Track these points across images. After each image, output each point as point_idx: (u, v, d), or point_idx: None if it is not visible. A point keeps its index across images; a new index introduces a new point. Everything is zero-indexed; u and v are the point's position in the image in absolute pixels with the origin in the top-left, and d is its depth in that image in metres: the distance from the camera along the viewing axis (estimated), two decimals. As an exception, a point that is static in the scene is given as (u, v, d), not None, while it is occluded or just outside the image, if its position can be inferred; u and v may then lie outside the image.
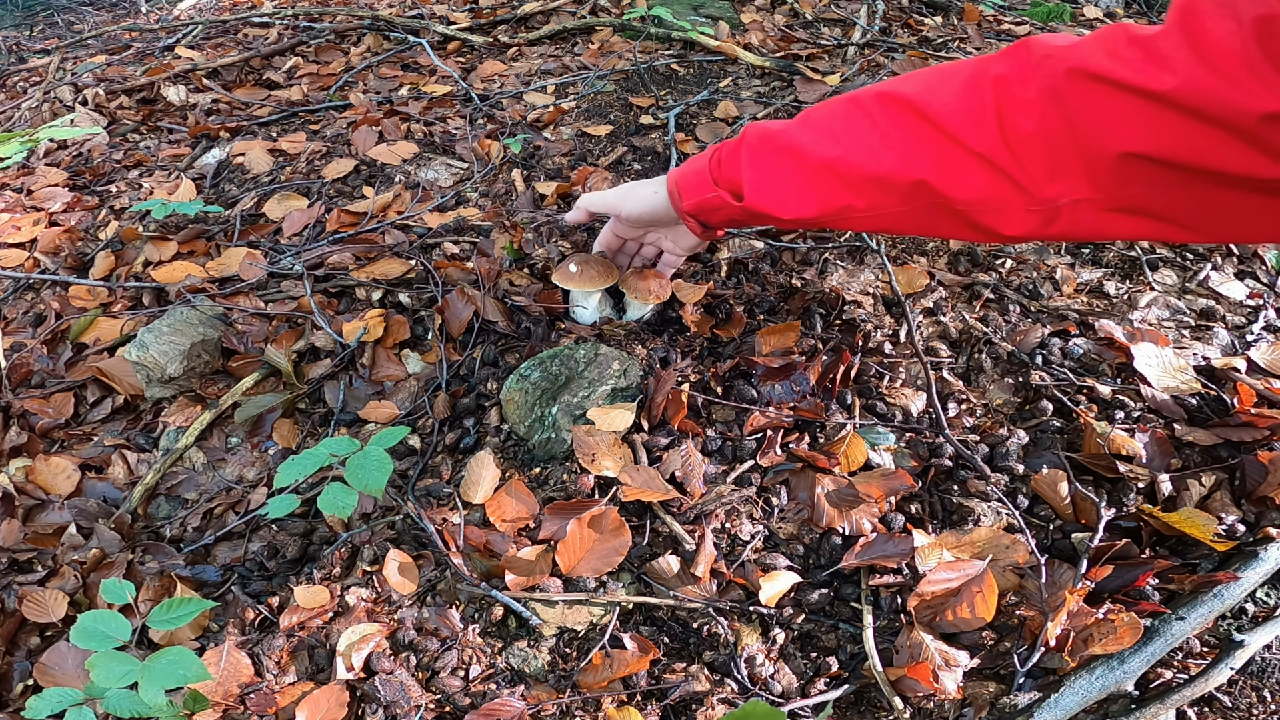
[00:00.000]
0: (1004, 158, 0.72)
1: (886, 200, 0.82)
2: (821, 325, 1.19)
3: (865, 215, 0.85)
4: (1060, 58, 0.67)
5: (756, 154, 0.92)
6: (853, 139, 0.82)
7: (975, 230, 0.79)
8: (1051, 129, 0.68)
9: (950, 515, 0.98)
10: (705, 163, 0.98)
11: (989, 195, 0.74)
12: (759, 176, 0.91)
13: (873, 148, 0.81)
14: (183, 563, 1.04)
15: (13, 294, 1.53)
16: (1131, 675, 0.81)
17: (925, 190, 0.78)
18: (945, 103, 0.75)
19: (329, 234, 1.50)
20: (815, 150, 0.85)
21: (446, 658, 0.89)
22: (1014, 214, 0.74)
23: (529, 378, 1.08)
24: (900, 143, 0.79)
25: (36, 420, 1.24)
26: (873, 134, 0.81)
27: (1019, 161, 0.71)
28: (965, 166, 0.74)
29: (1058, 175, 0.69)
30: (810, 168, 0.86)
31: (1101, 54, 0.65)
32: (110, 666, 0.80)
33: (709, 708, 0.83)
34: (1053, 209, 0.71)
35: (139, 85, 2.22)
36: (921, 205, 0.80)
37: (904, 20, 2.31)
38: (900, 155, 0.79)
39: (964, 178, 0.75)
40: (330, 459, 0.95)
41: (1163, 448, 1.00)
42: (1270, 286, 1.28)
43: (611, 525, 0.94)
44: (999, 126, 0.71)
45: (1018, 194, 0.73)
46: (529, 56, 2.24)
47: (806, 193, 0.87)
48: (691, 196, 1.00)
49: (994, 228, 0.77)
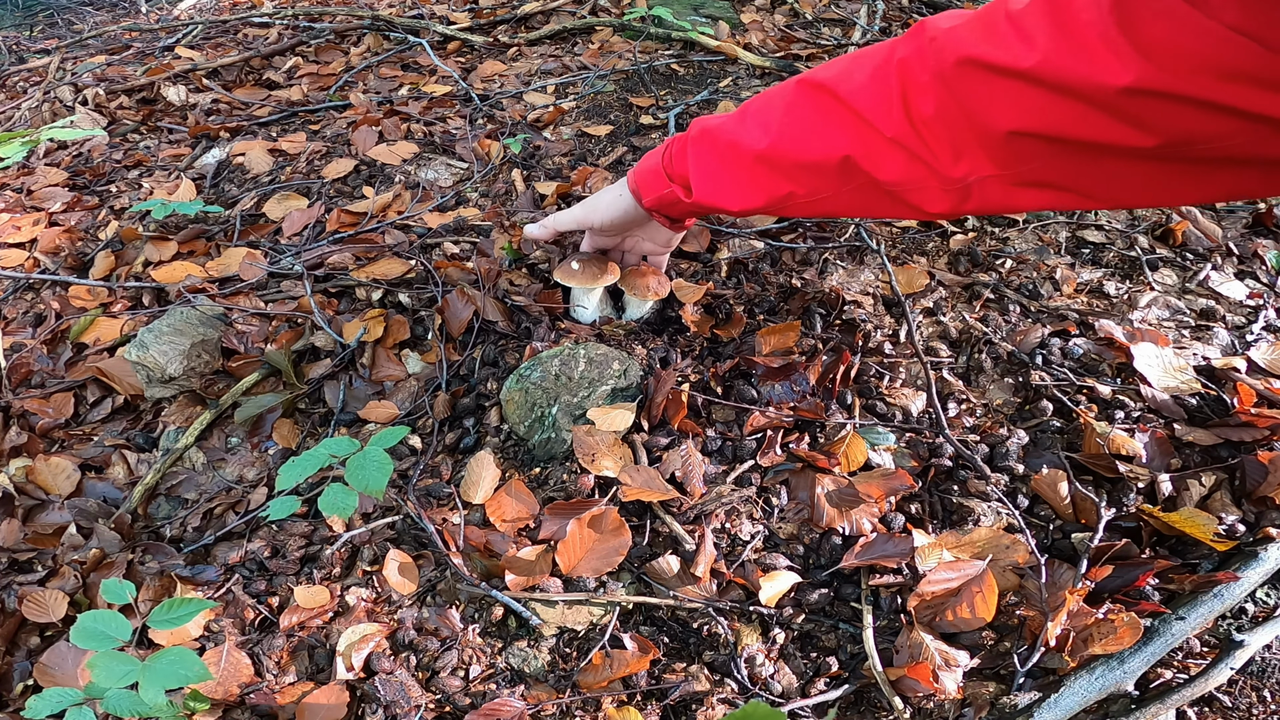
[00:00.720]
0: (913, 141, 0.73)
1: (823, 184, 0.83)
2: (821, 325, 1.19)
3: (808, 201, 0.87)
4: (944, 41, 0.69)
5: (700, 149, 0.94)
6: (781, 127, 0.84)
7: (908, 208, 0.81)
8: (947, 112, 0.70)
9: (950, 515, 0.98)
10: (659, 159, 1.00)
11: (908, 176, 0.76)
12: (704, 172, 0.93)
13: (799, 134, 0.83)
14: (183, 563, 1.04)
15: (13, 294, 1.53)
16: (1131, 675, 0.81)
17: (853, 169, 0.79)
18: (859, 87, 0.77)
19: (329, 234, 1.50)
20: (749, 142, 0.87)
21: (446, 658, 0.89)
22: (933, 193, 0.76)
23: (529, 378, 1.08)
24: (823, 127, 0.80)
25: (36, 420, 1.24)
26: (798, 120, 0.83)
27: (926, 145, 0.73)
28: (882, 150, 0.76)
29: (961, 156, 0.71)
30: (747, 160, 0.88)
31: (979, 35, 0.66)
32: (110, 666, 0.80)
33: (709, 708, 0.83)
34: (964, 187, 0.73)
35: (139, 85, 2.22)
36: (855, 186, 0.81)
37: (904, 20, 2.31)
38: (824, 139, 0.80)
39: (883, 160, 0.77)
40: (330, 460, 0.95)
41: (1163, 448, 1.00)
42: (1270, 286, 1.28)
43: (611, 525, 0.94)
44: (905, 111, 0.72)
45: (931, 175, 0.74)
46: (529, 56, 2.24)
47: (748, 185, 0.89)
48: (650, 193, 1.02)
49: (920, 205, 0.79)
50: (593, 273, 1.13)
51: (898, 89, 0.73)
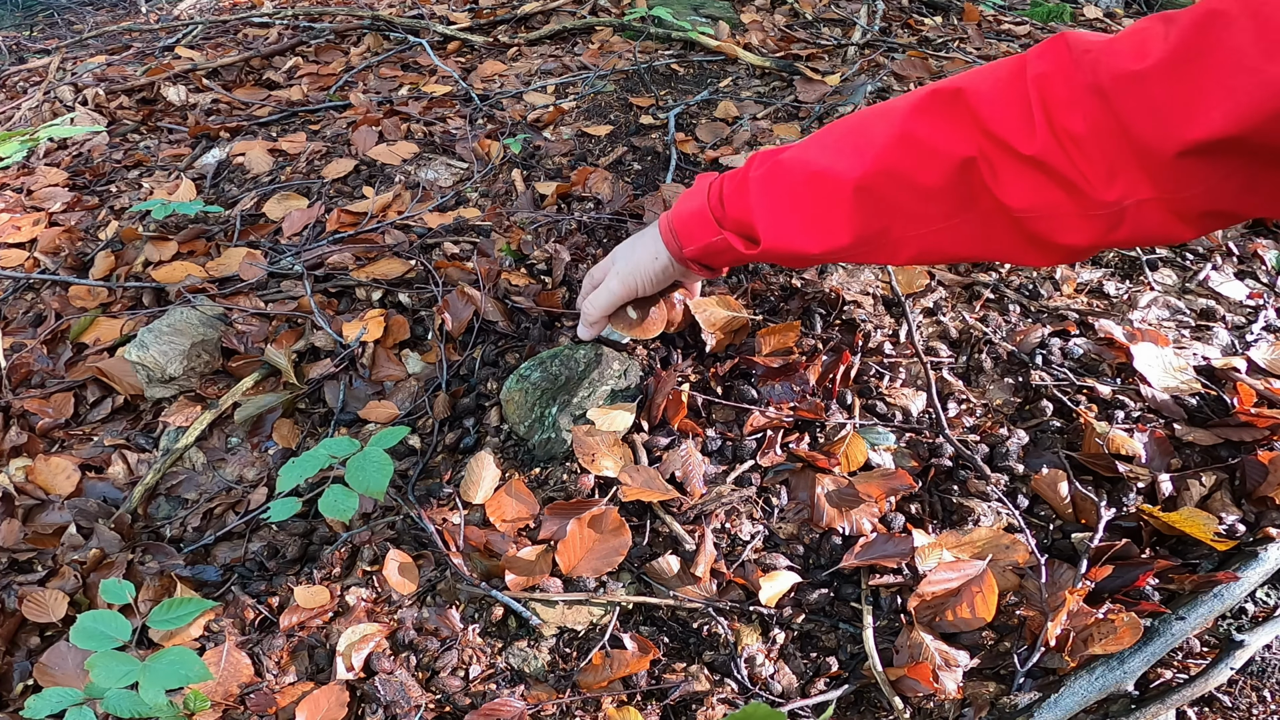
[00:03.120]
0: (1058, 159, 0.64)
1: (934, 211, 0.72)
2: (821, 325, 1.19)
3: (907, 235, 0.75)
4: (1100, 55, 0.61)
5: (769, 187, 0.81)
6: (885, 148, 0.73)
7: (1033, 243, 0.70)
8: (1102, 129, 0.62)
9: (950, 515, 0.98)
10: (703, 200, 0.87)
11: (1041, 201, 0.67)
12: (777, 212, 0.80)
13: (911, 155, 0.71)
14: (183, 563, 1.04)
15: (13, 294, 1.53)
16: (1131, 675, 0.81)
17: (978, 190, 0.69)
18: (987, 98, 0.67)
19: (329, 234, 1.50)
20: (843, 170, 0.75)
21: (446, 658, 0.89)
22: (1070, 221, 0.66)
23: (529, 378, 1.08)
24: (940, 143, 0.70)
25: (36, 420, 1.24)
26: (910, 139, 0.71)
27: (1074, 164, 0.64)
28: (1014, 170, 0.67)
29: (1117, 176, 0.62)
30: (844, 192, 0.75)
31: (1137, 49, 0.59)
32: (110, 666, 0.80)
33: (709, 708, 0.83)
34: (1116, 212, 0.64)
35: (139, 85, 2.22)
36: (977, 214, 0.70)
37: (904, 20, 2.31)
38: (941, 158, 0.70)
39: (1014, 182, 0.67)
40: (330, 460, 0.95)
41: (1163, 448, 1.00)
42: (1270, 286, 1.28)
43: (611, 525, 0.94)
44: (1049, 127, 0.64)
45: (1071, 200, 0.65)
46: (529, 56, 2.24)
47: (837, 221, 0.77)
48: (694, 241, 0.89)
49: (1050, 237, 0.68)
50: (653, 320, 1.04)
51: (1038, 104, 0.64)
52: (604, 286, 1.01)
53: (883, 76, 1.87)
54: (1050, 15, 2.45)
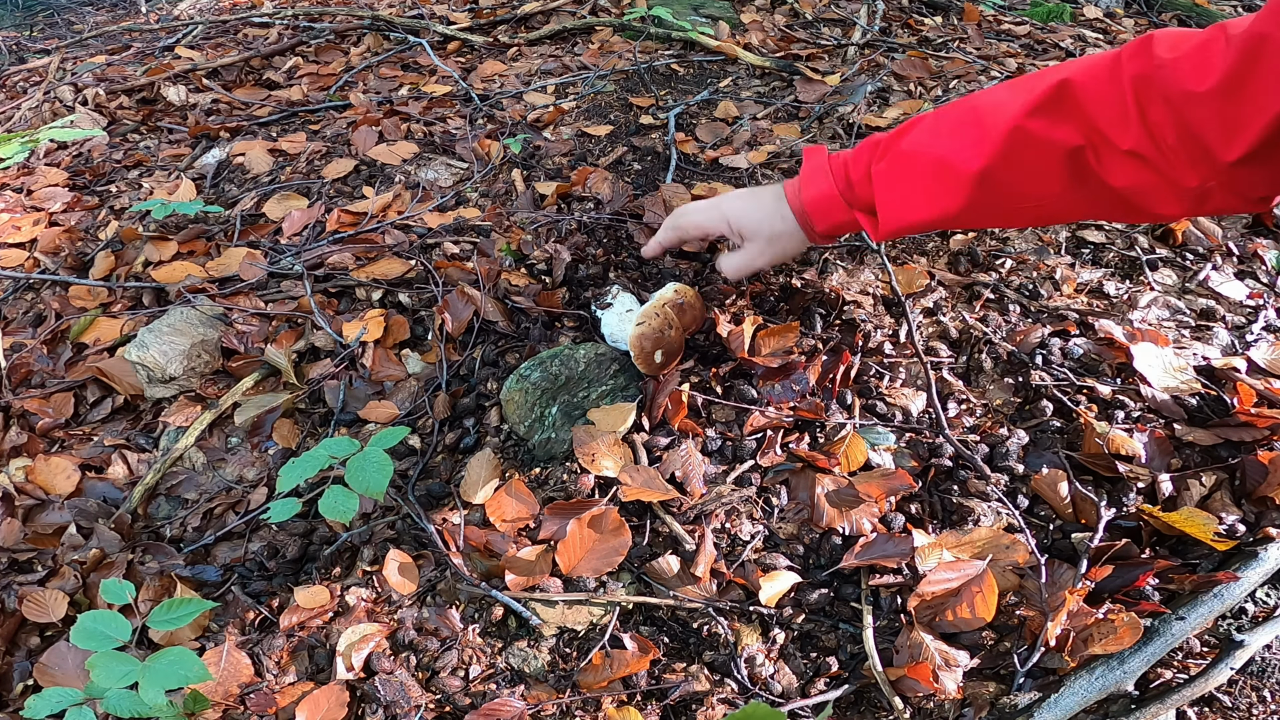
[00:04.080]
0: (1151, 152, 0.75)
1: (1049, 190, 0.84)
2: (821, 325, 1.19)
3: (1022, 207, 0.87)
4: (1172, 71, 0.72)
5: (892, 172, 0.91)
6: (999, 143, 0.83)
7: (1140, 212, 0.83)
8: (1181, 132, 0.73)
9: (950, 515, 0.98)
10: (831, 185, 0.98)
11: (1141, 183, 0.78)
12: (900, 196, 0.91)
13: (1024, 153, 0.82)
14: (183, 563, 1.04)
15: (13, 294, 1.53)
16: (1131, 675, 0.81)
17: (1087, 173, 0.80)
18: (1095, 95, 0.78)
19: (329, 234, 1.50)
20: (962, 162, 0.85)
21: (446, 658, 0.89)
22: (1166, 197, 0.79)
23: (529, 378, 1.08)
24: (1054, 136, 0.80)
25: (36, 420, 1.24)
26: (1024, 136, 0.82)
27: (1164, 156, 0.75)
28: (1116, 159, 0.78)
29: (1195, 168, 0.74)
30: (965, 180, 0.86)
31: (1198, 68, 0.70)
32: (110, 666, 0.80)
33: (709, 708, 0.83)
34: (1201, 193, 0.76)
35: (139, 85, 2.22)
36: (1088, 191, 0.82)
37: (904, 20, 2.31)
38: (1054, 151, 0.81)
39: (1117, 168, 0.79)
40: (330, 460, 0.95)
41: (1163, 448, 1.00)
42: (1270, 286, 1.28)
43: (611, 525, 0.94)
44: (1142, 124, 0.75)
45: (1165, 183, 0.77)
46: (529, 56, 2.24)
47: (952, 197, 0.88)
48: (826, 220, 1.01)
49: (1153, 209, 0.81)
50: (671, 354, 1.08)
51: (1133, 103, 0.75)
52: (747, 253, 1.09)
53: (883, 76, 1.87)
54: (1050, 15, 2.45)
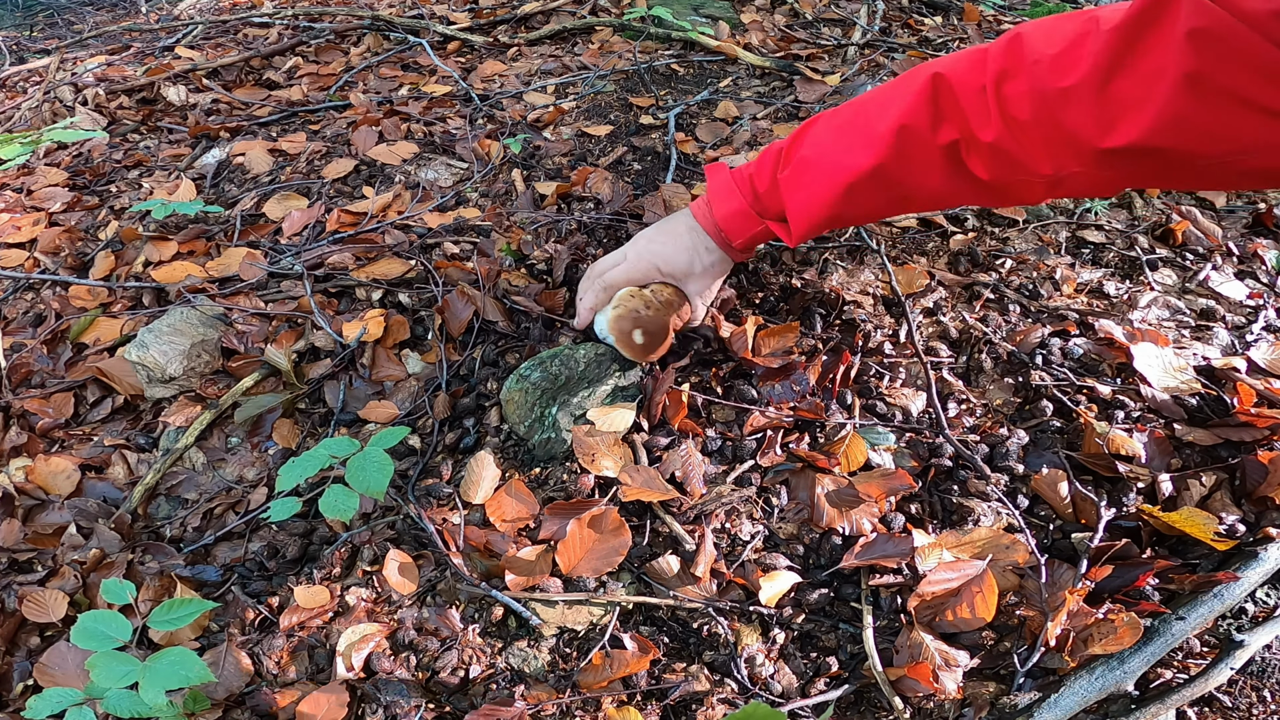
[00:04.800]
0: (1009, 144, 0.80)
1: (928, 183, 0.89)
2: (821, 325, 1.19)
3: (915, 196, 0.92)
4: (1046, 68, 0.75)
5: (796, 180, 0.96)
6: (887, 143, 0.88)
7: (998, 197, 0.90)
8: (1043, 124, 0.76)
9: (950, 515, 0.98)
10: (741, 201, 1.03)
11: (1001, 175, 0.84)
12: (805, 201, 0.96)
13: (908, 149, 0.87)
14: (183, 563, 1.04)
15: (13, 294, 1.53)
16: (1131, 675, 0.81)
17: (959, 168, 0.86)
18: (960, 81, 0.82)
19: (329, 234, 1.50)
20: (854, 162, 0.90)
21: (446, 658, 0.89)
22: (1024, 188, 0.85)
23: (529, 378, 1.08)
24: (932, 122, 0.85)
25: (36, 420, 1.24)
26: (907, 134, 0.87)
27: (1022, 147, 0.79)
28: (978, 150, 0.84)
29: (1053, 160, 0.79)
30: (864, 179, 0.90)
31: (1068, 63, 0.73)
32: (110, 666, 0.80)
33: (709, 708, 0.83)
34: (1055, 180, 0.81)
35: (139, 85, 2.22)
36: (959, 184, 0.88)
37: (904, 20, 2.31)
38: (931, 146, 0.86)
39: (978, 159, 0.84)
40: (330, 460, 0.95)
41: (1163, 448, 1.00)
42: (1270, 286, 1.28)
43: (611, 525, 0.94)
44: (1001, 118, 0.79)
45: (1022, 171, 0.82)
46: (529, 56, 2.24)
47: (857, 202, 0.93)
48: (741, 234, 1.05)
49: (1010, 196, 0.88)
50: (655, 341, 1.08)
51: (994, 98, 0.79)
52: (699, 299, 1.13)
53: (883, 76, 1.87)
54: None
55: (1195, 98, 0.65)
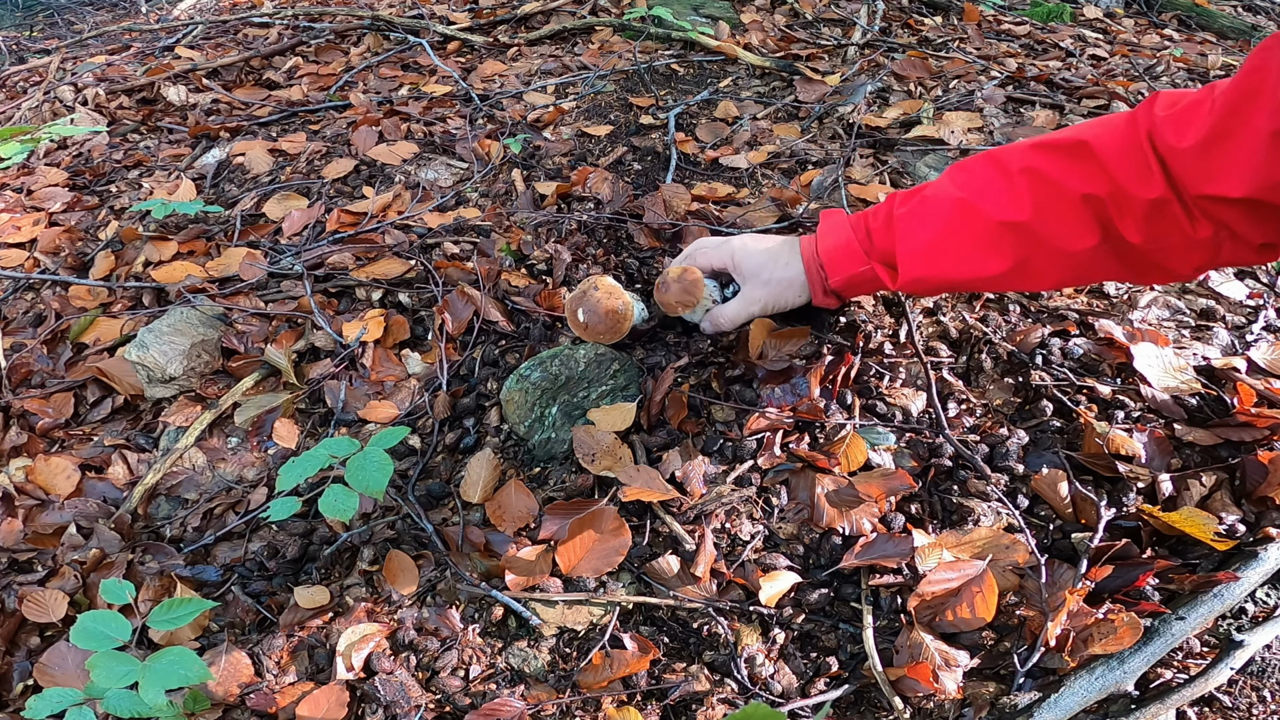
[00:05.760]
0: (1174, 203, 0.79)
1: (1067, 243, 0.86)
2: (825, 327, 1.19)
3: (1048, 264, 0.88)
4: (1172, 126, 0.78)
5: (912, 221, 0.93)
6: (1031, 192, 0.86)
7: (1156, 270, 0.87)
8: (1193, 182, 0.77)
9: (950, 515, 0.98)
10: (850, 235, 0.98)
11: (1156, 235, 0.82)
12: (921, 243, 0.92)
13: (1053, 202, 0.85)
14: (183, 563, 1.04)
15: (13, 294, 1.53)
16: (1131, 675, 0.81)
17: (1110, 232, 0.84)
18: (1115, 154, 0.82)
19: (329, 234, 1.50)
20: (991, 208, 0.87)
21: (446, 658, 0.89)
22: (1180, 251, 0.83)
23: (529, 378, 1.08)
24: (1078, 190, 0.83)
25: (36, 420, 1.24)
26: (1049, 186, 0.85)
27: (1186, 206, 0.79)
28: (1138, 212, 0.82)
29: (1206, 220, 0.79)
30: (992, 226, 0.88)
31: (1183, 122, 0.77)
32: (110, 666, 0.80)
33: (709, 708, 0.83)
34: (1215, 245, 0.80)
35: (139, 85, 2.22)
36: (1109, 250, 0.85)
37: (904, 20, 2.31)
38: (1081, 206, 0.84)
39: (1135, 223, 0.82)
40: (330, 460, 0.95)
41: (1163, 448, 1.00)
42: (1270, 286, 1.28)
43: (611, 525, 0.94)
44: (1164, 176, 0.79)
45: (1179, 233, 0.81)
46: (529, 56, 2.24)
47: (984, 252, 0.89)
48: (840, 272, 1.00)
49: (1167, 265, 0.85)
50: (597, 332, 1.08)
51: (1153, 156, 0.79)
52: (744, 302, 1.07)
53: (883, 76, 1.87)
54: (1050, 15, 2.45)
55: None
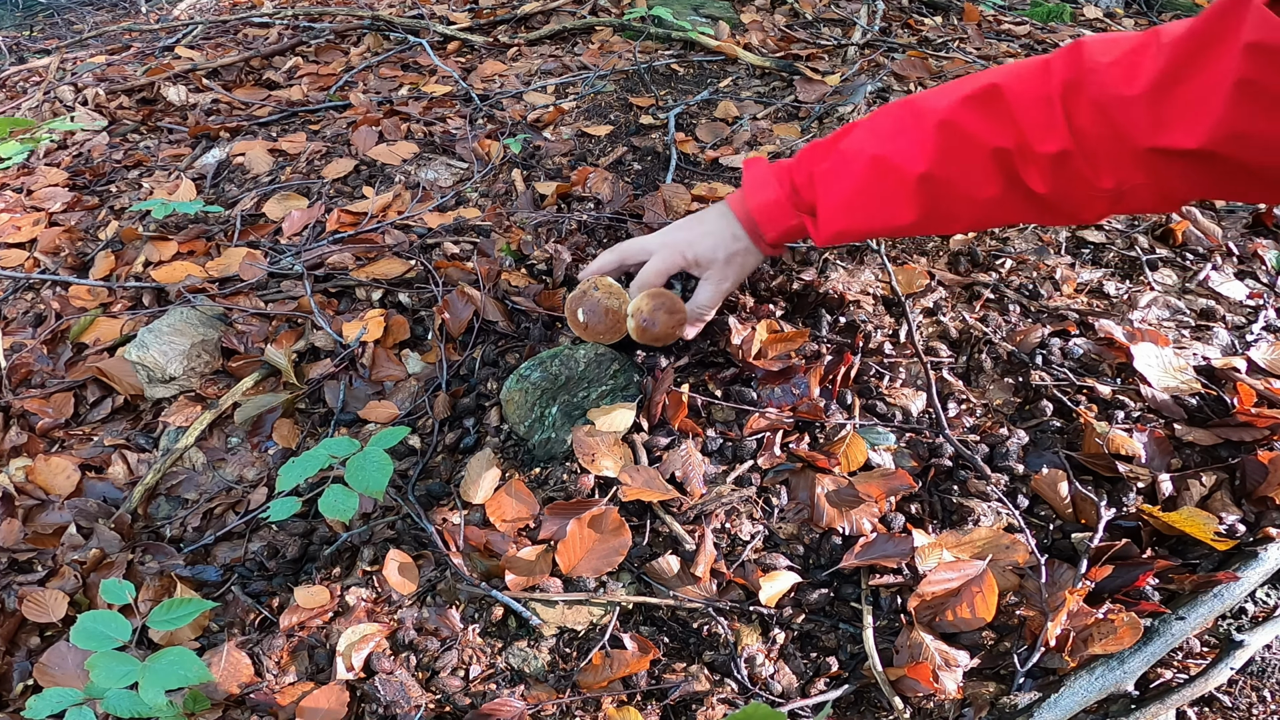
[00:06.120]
0: (1075, 156, 0.79)
1: (978, 192, 0.87)
2: (825, 328, 1.19)
3: (961, 211, 0.90)
4: (1104, 77, 0.76)
5: (834, 175, 0.94)
6: (939, 145, 0.86)
7: (1058, 215, 0.87)
8: (1102, 131, 0.77)
9: (950, 515, 0.98)
10: (775, 190, 1.00)
11: (1061, 188, 0.82)
12: (843, 196, 0.93)
13: (962, 153, 0.86)
14: (183, 563, 1.04)
15: (13, 294, 1.53)
16: (1131, 675, 0.81)
17: (1015, 182, 0.84)
18: (1026, 102, 0.81)
19: (329, 234, 1.50)
20: (905, 162, 0.88)
21: (446, 658, 0.89)
22: (1085, 202, 0.83)
23: (529, 378, 1.08)
24: (985, 142, 0.84)
25: (36, 420, 1.24)
26: (960, 137, 0.85)
27: (1086, 159, 0.79)
28: (1040, 165, 0.82)
29: (1115, 170, 0.78)
30: (909, 181, 0.89)
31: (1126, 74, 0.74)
32: (110, 666, 0.80)
33: (709, 708, 0.83)
34: (1117, 195, 0.80)
35: (139, 85, 2.22)
36: (1016, 198, 0.86)
37: (904, 20, 2.31)
38: (986, 158, 0.84)
39: (1039, 174, 0.82)
40: (330, 460, 0.95)
41: (1163, 448, 1.00)
42: (1270, 286, 1.28)
43: (611, 525, 0.94)
44: (1069, 128, 0.79)
45: (1085, 185, 0.81)
46: (529, 56, 2.24)
47: (898, 204, 0.91)
48: (775, 227, 1.02)
49: (1071, 212, 0.86)
50: (597, 331, 1.08)
51: (1060, 107, 0.78)
52: (717, 286, 1.08)
53: (883, 76, 1.87)
54: (1050, 15, 2.45)
55: (1252, 106, 0.66)
